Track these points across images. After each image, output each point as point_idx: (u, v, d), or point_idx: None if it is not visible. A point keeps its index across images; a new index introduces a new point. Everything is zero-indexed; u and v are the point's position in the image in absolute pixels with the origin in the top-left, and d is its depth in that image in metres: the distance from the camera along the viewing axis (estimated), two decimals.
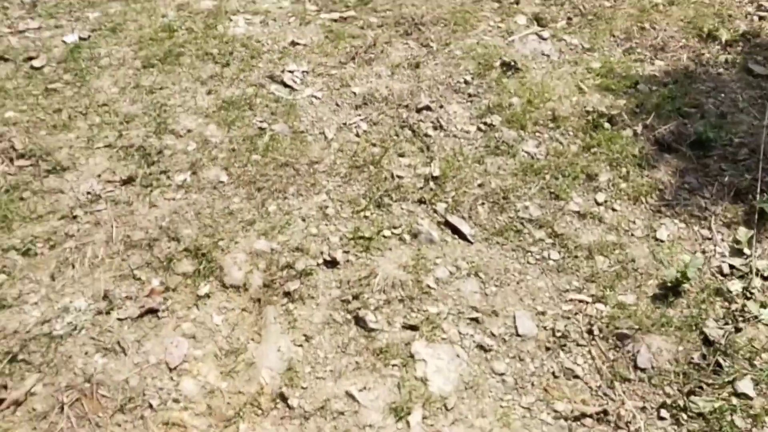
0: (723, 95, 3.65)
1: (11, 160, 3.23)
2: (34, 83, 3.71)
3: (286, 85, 3.80)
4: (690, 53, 3.97)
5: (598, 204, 3.07)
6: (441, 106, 3.65)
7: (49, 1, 4.46)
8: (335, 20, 4.33)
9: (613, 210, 3.06)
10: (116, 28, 4.20)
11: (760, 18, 4.19)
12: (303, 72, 3.90)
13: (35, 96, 3.61)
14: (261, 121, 3.51)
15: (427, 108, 3.63)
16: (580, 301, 2.67)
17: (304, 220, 2.98)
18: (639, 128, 3.44)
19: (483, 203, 3.07)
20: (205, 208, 3.03)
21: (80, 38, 4.12)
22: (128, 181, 3.16)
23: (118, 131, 3.42)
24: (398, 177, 3.20)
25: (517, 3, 4.43)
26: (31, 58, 3.90)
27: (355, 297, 2.64)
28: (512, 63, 3.87)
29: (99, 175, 3.19)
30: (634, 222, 3.00)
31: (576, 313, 2.63)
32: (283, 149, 3.34)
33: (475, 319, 2.59)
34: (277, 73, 3.86)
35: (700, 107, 3.55)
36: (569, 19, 4.30)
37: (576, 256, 2.84)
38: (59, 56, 3.93)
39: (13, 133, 3.36)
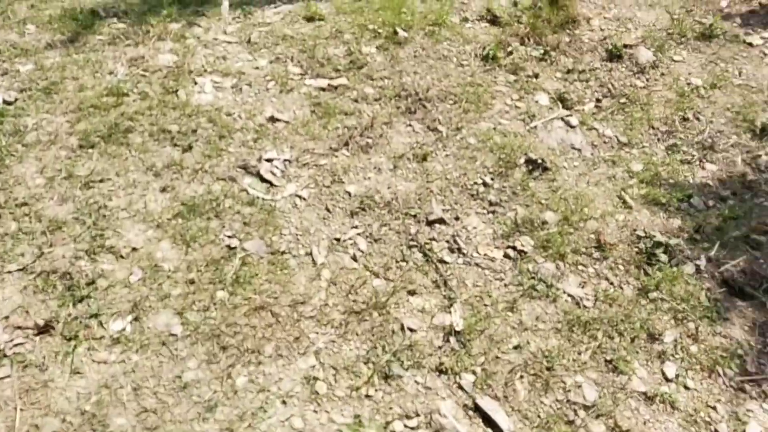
0: None
1: None
2: None
3: (263, 179, 2.91)
4: (744, 154, 3.23)
5: (668, 380, 2.29)
6: (457, 218, 2.82)
7: None
8: (323, 89, 3.45)
9: (687, 388, 2.27)
10: (51, 89, 3.23)
11: None
12: (285, 161, 3.01)
13: None
14: (230, 236, 2.62)
15: (441, 221, 2.79)
16: None
17: (284, 402, 2.11)
18: (702, 262, 2.67)
19: (522, 375, 2.25)
20: (148, 378, 2.13)
21: (5, 101, 3.15)
22: (45, 329, 2.23)
23: (39, 247, 2.48)
24: (410, 330, 2.36)
25: (536, 77, 3.63)
26: None
27: None
28: (539, 161, 3.06)
29: (6, 317, 2.25)
30: (714, 408, 2.22)
31: None
32: (258, 282, 2.45)
33: None
34: (252, 162, 2.96)
35: None
36: (598, 100, 3.52)
37: None
38: None
39: None
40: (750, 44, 3.93)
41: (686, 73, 3.71)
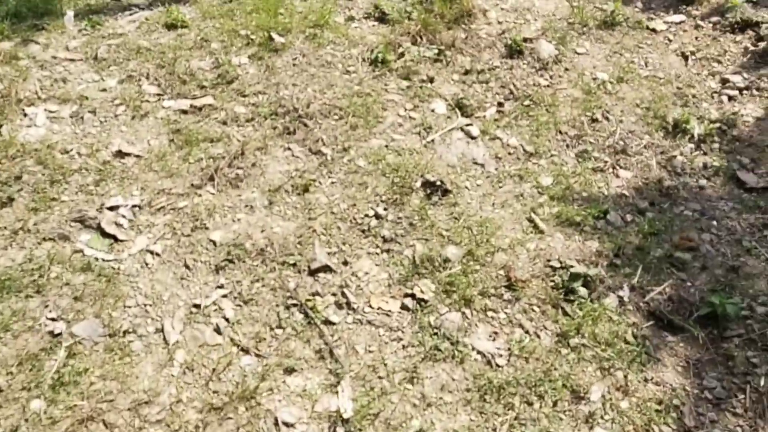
0: (716, 223, 2.56)
1: None
2: None
3: (105, 234, 2.29)
4: (659, 156, 2.86)
5: None
6: (345, 263, 2.30)
7: None
8: (185, 111, 2.83)
9: None
10: None
11: (730, 98, 3.15)
12: (134, 207, 2.40)
13: None
14: (54, 319, 2.00)
15: (326, 268, 2.26)
16: None
17: None
18: (625, 293, 2.27)
19: None
20: None
21: None
22: None
23: None
24: (286, 425, 1.83)
25: (431, 81, 3.14)
26: None
27: None
28: (438, 183, 2.58)
29: None
30: None
31: None
32: (88, 381, 1.85)
33: None
34: (90, 213, 2.34)
35: (696, 251, 2.43)
36: (500, 104, 3.07)
37: None
38: None
39: None
40: (654, 30, 3.59)
41: (591, 66, 3.32)
